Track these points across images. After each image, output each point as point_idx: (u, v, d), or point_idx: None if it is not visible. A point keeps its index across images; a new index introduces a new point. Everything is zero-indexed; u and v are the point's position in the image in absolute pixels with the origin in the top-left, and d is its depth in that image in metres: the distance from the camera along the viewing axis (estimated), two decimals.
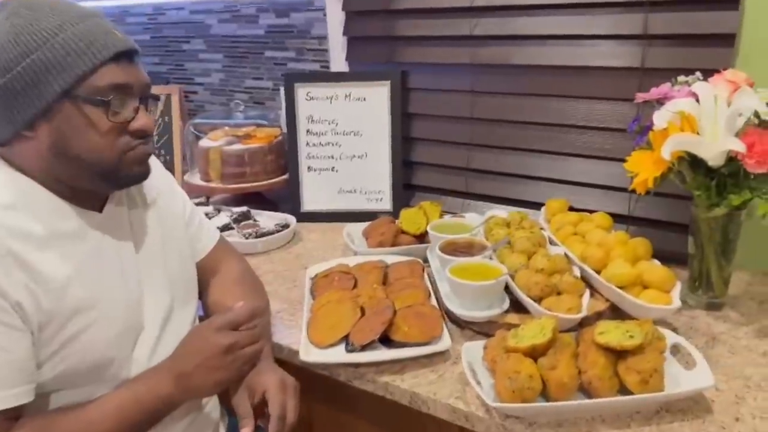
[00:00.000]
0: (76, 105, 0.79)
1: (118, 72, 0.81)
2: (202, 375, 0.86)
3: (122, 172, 0.85)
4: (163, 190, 1.03)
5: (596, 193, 1.38)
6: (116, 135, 0.83)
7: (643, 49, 1.24)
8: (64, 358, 0.81)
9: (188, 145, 1.80)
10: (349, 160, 1.64)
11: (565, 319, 0.96)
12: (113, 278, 0.88)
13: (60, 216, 0.84)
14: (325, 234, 1.57)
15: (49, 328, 0.79)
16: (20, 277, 0.77)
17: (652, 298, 1.00)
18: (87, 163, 0.82)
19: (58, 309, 0.80)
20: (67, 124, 0.80)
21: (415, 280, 1.18)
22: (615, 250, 1.08)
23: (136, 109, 0.84)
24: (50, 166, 0.82)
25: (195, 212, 1.11)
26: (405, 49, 1.57)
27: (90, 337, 0.83)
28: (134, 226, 0.94)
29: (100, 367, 0.85)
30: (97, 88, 0.80)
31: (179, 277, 0.99)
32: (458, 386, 0.94)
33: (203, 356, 0.86)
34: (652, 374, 0.83)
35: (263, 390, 0.89)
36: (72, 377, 0.83)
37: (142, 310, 0.91)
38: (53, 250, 0.81)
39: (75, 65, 0.78)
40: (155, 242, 0.96)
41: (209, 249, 1.11)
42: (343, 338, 1.03)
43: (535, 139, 1.44)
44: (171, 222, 1.01)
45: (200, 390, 0.88)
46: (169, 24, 2.08)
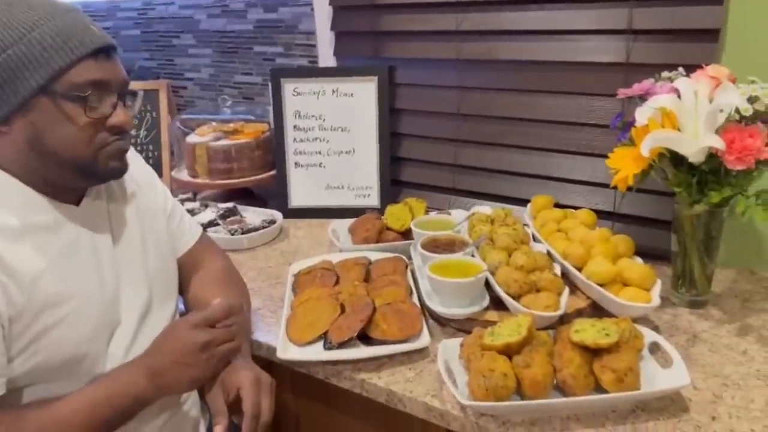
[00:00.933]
0: (53, 100, 0.79)
1: (96, 68, 0.81)
2: (177, 372, 0.85)
3: (99, 167, 0.85)
4: (144, 184, 1.03)
5: (582, 189, 1.37)
6: (93, 131, 0.83)
7: (628, 44, 1.23)
8: (36, 353, 0.81)
9: (176, 141, 1.79)
10: (336, 155, 1.63)
11: (542, 317, 0.95)
12: (89, 273, 0.87)
13: (35, 209, 0.84)
14: (312, 230, 1.56)
15: (20, 322, 0.79)
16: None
17: (631, 296, 1.00)
18: (63, 158, 0.82)
19: (29, 303, 0.79)
20: (43, 119, 0.80)
21: (398, 277, 1.17)
22: (596, 247, 1.07)
23: (114, 105, 0.84)
24: (26, 160, 0.82)
25: (177, 208, 1.11)
26: (392, 44, 1.56)
27: (63, 331, 0.82)
28: (113, 220, 0.94)
29: (74, 362, 0.84)
30: (75, 84, 0.79)
31: (158, 273, 0.99)
32: (435, 384, 0.93)
33: (178, 353, 0.85)
34: (627, 373, 0.82)
35: (237, 387, 0.88)
36: (45, 372, 0.82)
37: (119, 305, 0.91)
38: (27, 243, 0.81)
39: (52, 61, 0.78)
40: (134, 237, 0.96)
41: (191, 245, 1.11)
42: (321, 335, 1.02)
43: (522, 136, 1.43)
44: (151, 217, 1.01)
45: (174, 387, 0.87)
46: (159, 19, 2.07)
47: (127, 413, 0.84)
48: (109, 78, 0.82)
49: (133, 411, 0.85)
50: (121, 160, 0.89)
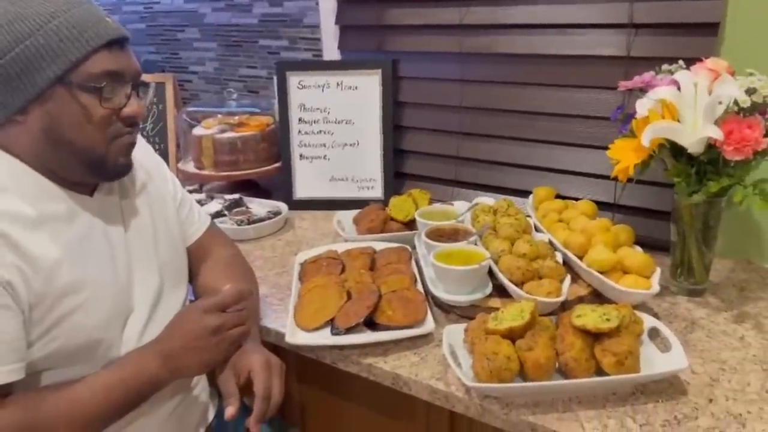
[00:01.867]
0: (69, 91, 0.81)
1: (111, 59, 0.82)
2: (189, 356, 0.88)
3: (108, 162, 0.87)
4: (154, 173, 1.05)
5: (583, 181, 1.39)
6: (108, 121, 0.84)
7: (629, 37, 1.25)
8: (54, 338, 0.83)
9: (182, 133, 1.81)
10: (341, 148, 1.65)
11: (545, 303, 0.97)
12: (102, 261, 0.89)
13: (50, 198, 0.85)
14: (317, 221, 1.59)
15: (39, 309, 0.81)
16: (11, 259, 0.78)
17: (631, 283, 1.02)
18: (77, 149, 0.84)
19: (47, 290, 0.81)
20: (60, 109, 0.81)
21: (402, 265, 1.20)
22: (597, 236, 1.10)
23: (128, 96, 0.85)
24: (41, 150, 0.84)
25: (186, 197, 1.13)
26: (396, 37, 1.58)
27: (79, 318, 0.84)
28: (124, 209, 0.96)
29: (90, 347, 0.86)
30: (90, 74, 0.81)
31: (169, 261, 1.01)
32: (439, 368, 0.96)
33: (190, 337, 0.88)
34: (628, 356, 0.84)
35: (248, 370, 0.90)
36: (62, 357, 0.84)
37: (132, 293, 0.93)
38: (43, 232, 0.82)
39: (68, 52, 0.79)
40: (145, 226, 0.98)
41: (200, 234, 1.13)
42: (328, 321, 1.04)
43: (523, 128, 1.45)
44: (161, 206, 1.03)
45: (186, 370, 0.89)
46: (164, 13, 2.09)
47: (142, 395, 0.87)
48: (123, 69, 0.84)
49: (147, 393, 0.87)
50: (128, 156, 0.90)
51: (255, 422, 0.87)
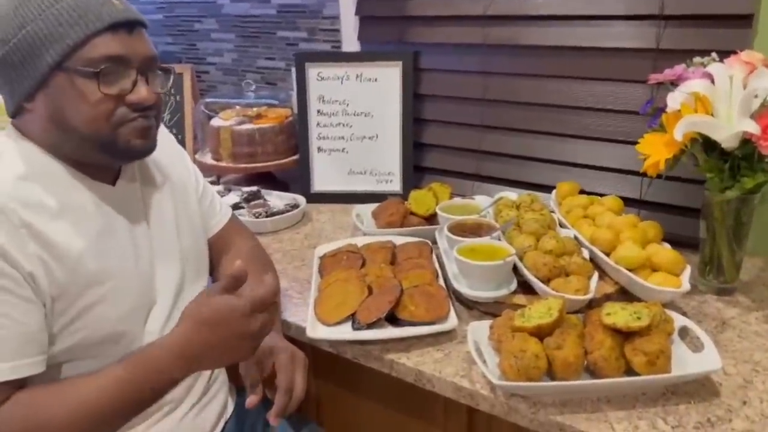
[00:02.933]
0: (68, 76, 0.79)
1: (113, 43, 0.80)
2: (216, 355, 0.81)
3: (120, 144, 0.83)
4: (177, 164, 1.04)
5: (608, 176, 1.37)
6: (112, 106, 0.81)
7: (658, 29, 1.22)
8: (77, 331, 0.82)
9: (200, 125, 1.80)
10: (359, 141, 1.63)
11: (573, 300, 0.95)
12: (125, 252, 0.88)
13: (72, 188, 0.84)
14: (335, 215, 1.57)
15: (62, 300, 0.80)
16: (34, 249, 0.77)
17: (661, 281, 1.00)
18: (84, 135, 0.82)
19: (71, 281, 0.80)
20: (61, 95, 0.80)
21: (423, 260, 1.18)
22: (625, 232, 1.07)
23: (134, 81, 0.82)
24: (53, 137, 0.83)
25: (208, 189, 1.12)
26: (417, 28, 1.56)
27: (103, 310, 0.83)
28: (147, 200, 0.94)
29: (113, 339, 0.85)
30: (89, 59, 0.79)
31: (191, 252, 0.99)
32: (464, 365, 0.94)
33: (228, 343, 0.79)
34: (659, 356, 0.82)
35: (273, 362, 0.89)
36: (84, 349, 0.83)
37: (154, 284, 0.92)
38: (66, 222, 0.81)
39: (67, 36, 0.78)
40: (167, 216, 0.97)
41: (222, 225, 1.12)
42: (349, 316, 1.03)
43: (547, 121, 1.42)
44: (183, 196, 1.02)
45: (206, 367, 0.88)
46: (182, 3, 2.08)
47: (154, 396, 0.82)
48: (128, 53, 0.81)
49: (160, 394, 0.82)
50: (146, 137, 0.86)
51: (276, 416, 0.86)
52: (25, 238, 0.77)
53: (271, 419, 0.86)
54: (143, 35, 0.85)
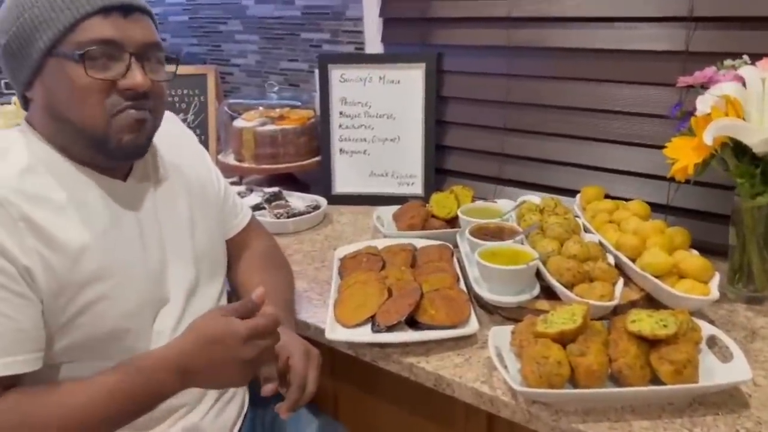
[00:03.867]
0: (58, 62, 0.78)
1: (104, 26, 0.78)
2: (211, 378, 0.80)
3: (111, 140, 0.81)
4: (197, 165, 1.03)
5: (633, 180, 1.34)
6: (102, 93, 0.79)
7: (688, 31, 1.20)
8: (78, 327, 0.80)
9: (223, 126, 1.81)
10: (381, 143, 1.63)
11: (597, 307, 0.93)
12: (133, 249, 0.86)
13: (79, 182, 0.83)
14: (356, 216, 1.57)
15: (63, 296, 0.78)
16: (33, 244, 0.76)
17: (688, 288, 0.97)
18: (77, 126, 0.80)
19: (72, 276, 0.79)
20: (52, 82, 0.79)
21: (444, 263, 1.17)
22: (651, 238, 1.05)
23: (128, 67, 0.79)
24: (52, 129, 0.82)
25: (229, 190, 1.11)
26: (441, 30, 1.55)
27: (105, 307, 0.81)
28: (159, 197, 0.93)
29: (115, 338, 0.83)
30: (78, 43, 0.77)
31: (206, 252, 0.99)
32: (484, 370, 0.92)
33: (220, 362, 0.77)
34: (686, 365, 0.80)
35: (287, 356, 0.87)
36: (86, 349, 0.82)
37: (166, 282, 0.91)
38: (71, 217, 0.80)
39: (57, 20, 0.77)
40: (182, 214, 0.96)
41: (242, 227, 1.11)
42: (369, 318, 1.02)
43: (571, 125, 1.40)
44: (202, 197, 1.01)
45: (201, 385, 0.83)
46: (207, 5, 2.10)
47: (147, 407, 0.80)
48: (120, 37, 0.79)
49: (153, 405, 0.80)
50: (136, 132, 0.83)
51: (286, 410, 0.85)
52: (23, 231, 0.76)
53: (281, 412, 0.85)
54: (143, 20, 0.82)
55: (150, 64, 0.83)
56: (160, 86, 0.86)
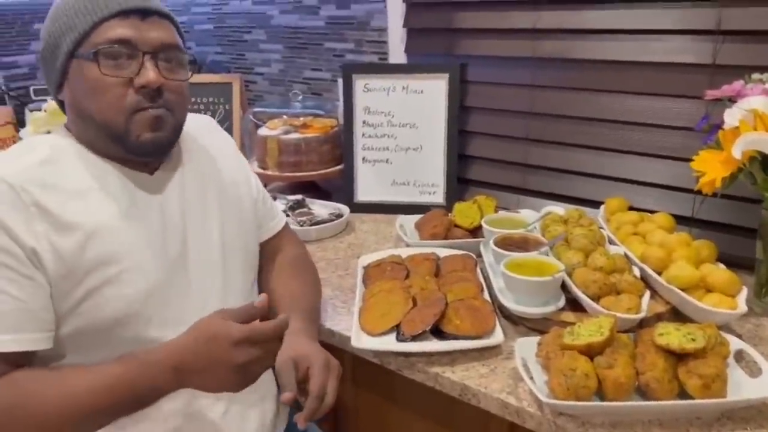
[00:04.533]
0: (78, 63, 0.83)
1: (120, 27, 0.82)
2: (204, 380, 0.79)
3: (131, 137, 0.84)
4: (231, 164, 1.05)
5: (657, 192, 1.34)
6: (120, 92, 0.83)
7: (715, 45, 1.20)
8: (84, 312, 0.81)
9: (247, 134, 1.83)
10: (403, 152, 1.64)
11: (624, 319, 0.93)
12: (149, 236, 0.87)
13: (103, 171, 0.86)
14: (378, 225, 1.58)
15: (69, 280, 0.80)
16: (42, 228, 0.78)
17: (716, 302, 0.97)
18: (98, 123, 0.84)
19: (79, 260, 0.80)
20: (75, 83, 0.84)
21: (468, 273, 1.17)
22: (677, 251, 1.05)
23: (141, 64, 0.83)
24: (81, 128, 0.87)
25: (266, 194, 1.14)
26: (465, 41, 1.56)
27: (112, 292, 0.82)
28: (188, 188, 0.94)
29: (122, 325, 0.83)
30: (94, 43, 0.82)
31: (236, 249, 0.99)
32: (510, 381, 0.93)
33: (212, 365, 0.77)
34: (715, 379, 0.80)
35: (308, 366, 0.88)
36: (93, 336, 0.82)
37: (190, 273, 0.91)
38: (87, 201, 0.83)
39: (79, 25, 0.82)
40: (211, 209, 0.96)
41: (276, 231, 1.13)
42: (394, 327, 1.03)
43: (595, 136, 1.40)
44: (234, 194, 1.02)
45: (199, 389, 0.81)
46: (232, 14, 2.12)
47: (143, 402, 0.80)
48: (134, 37, 0.82)
49: (149, 401, 0.81)
50: (156, 129, 0.85)
51: (305, 419, 0.85)
52: (34, 215, 0.78)
53: (299, 422, 0.85)
54: (161, 23, 0.86)
55: (168, 65, 0.86)
56: (178, 85, 0.88)
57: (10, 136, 2.02)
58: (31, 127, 1.71)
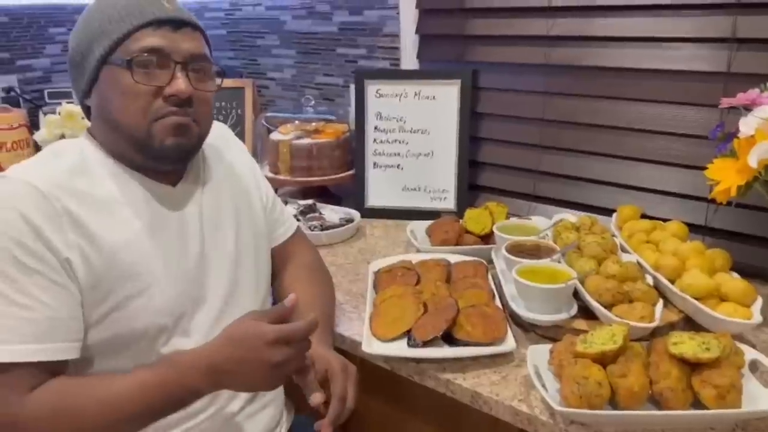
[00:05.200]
0: (110, 70, 0.83)
1: (153, 37, 0.83)
2: (239, 379, 0.81)
3: (154, 142, 0.85)
4: (245, 171, 1.06)
5: (670, 201, 1.33)
6: (148, 99, 0.83)
7: (730, 52, 1.19)
8: (113, 322, 0.82)
9: (259, 138, 1.84)
10: (415, 158, 1.64)
11: (638, 328, 0.93)
12: (174, 250, 0.89)
13: (127, 183, 0.87)
14: (388, 230, 1.58)
15: (99, 289, 0.81)
16: (74, 238, 0.79)
17: (730, 312, 0.96)
18: (122, 128, 0.85)
19: (108, 273, 0.81)
20: (104, 89, 0.85)
21: (479, 280, 1.17)
22: (691, 260, 1.04)
23: (173, 74, 0.84)
24: (106, 134, 0.87)
25: (277, 199, 1.14)
26: (478, 48, 1.56)
27: (139, 304, 0.84)
28: (206, 200, 0.96)
29: (150, 335, 0.85)
30: (128, 51, 0.82)
31: (248, 258, 1.00)
32: (521, 389, 0.92)
33: (247, 365, 0.79)
34: (730, 390, 0.79)
35: (326, 369, 0.88)
36: (120, 345, 0.84)
37: (205, 284, 0.92)
38: (113, 215, 0.84)
39: (113, 32, 0.83)
40: (227, 222, 0.98)
41: (288, 236, 1.13)
42: (405, 333, 1.03)
43: (608, 143, 1.40)
44: (246, 201, 1.03)
45: (232, 389, 0.84)
46: (245, 19, 2.14)
47: (179, 404, 0.82)
48: (167, 46, 0.83)
49: (185, 403, 0.83)
50: (180, 135, 0.86)
51: (329, 424, 0.85)
52: (65, 225, 0.79)
53: (323, 428, 0.85)
54: (193, 35, 0.87)
55: (197, 75, 0.87)
56: (206, 95, 0.89)
57: (24, 139, 2.04)
58: (45, 129, 1.73)
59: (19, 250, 0.76)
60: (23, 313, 0.76)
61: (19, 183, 0.79)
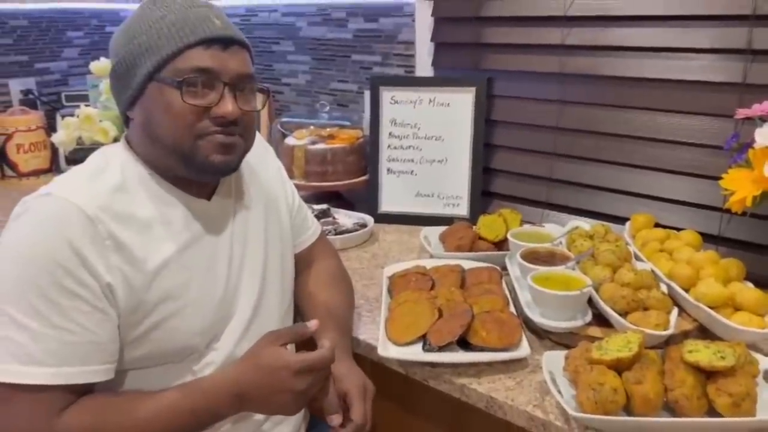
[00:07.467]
0: (159, 86, 0.83)
1: (204, 56, 0.82)
2: (264, 405, 0.85)
3: (198, 158, 0.84)
4: (273, 180, 1.07)
5: (683, 210, 1.34)
6: (194, 118, 0.83)
7: (746, 64, 1.20)
8: (151, 341, 0.84)
9: (275, 143, 1.86)
10: (428, 164, 1.65)
11: (652, 335, 0.94)
12: (210, 267, 0.90)
13: (165, 202, 0.87)
14: (401, 236, 1.59)
15: (139, 311, 0.82)
16: (116, 261, 0.80)
17: (745, 321, 0.97)
18: (166, 144, 0.84)
19: (148, 294, 0.82)
20: (151, 104, 0.84)
21: (494, 286, 1.18)
22: (705, 269, 1.05)
23: (221, 96, 0.83)
24: (147, 148, 0.87)
25: (302, 204, 1.15)
26: (493, 56, 1.58)
27: (178, 323, 0.85)
28: (238, 216, 0.96)
29: (183, 353, 0.87)
30: (178, 69, 0.82)
31: (275, 269, 1.01)
32: (536, 394, 0.93)
33: (273, 394, 0.83)
34: (745, 398, 0.80)
35: (345, 392, 0.90)
36: (155, 358, 0.86)
37: (236, 297, 0.93)
38: (154, 236, 0.84)
39: (163, 48, 0.82)
40: (258, 234, 0.99)
41: (311, 242, 1.15)
42: (420, 337, 1.04)
43: (622, 152, 1.41)
44: (276, 213, 1.04)
45: (254, 410, 0.88)
46: (261, 25, 2.16)
47: (204, 426, 0.85)
48: (217, 66, 0.83)
49: (209, 425, 0.85)
50: (226, 154, 0.86)
51: None
52: (109, 249, 0.79)
53: None
54: (241, 54, 0.86)
55: (243, 95, 0.87)
56: (251, 115, 0.90)
57: (42, 141, 2.07)
58: (62, 132, 1.75)
59: (63, 274, 0.76)
60: (65, 337, 0.77)
61: (67, 204, 0.79)
